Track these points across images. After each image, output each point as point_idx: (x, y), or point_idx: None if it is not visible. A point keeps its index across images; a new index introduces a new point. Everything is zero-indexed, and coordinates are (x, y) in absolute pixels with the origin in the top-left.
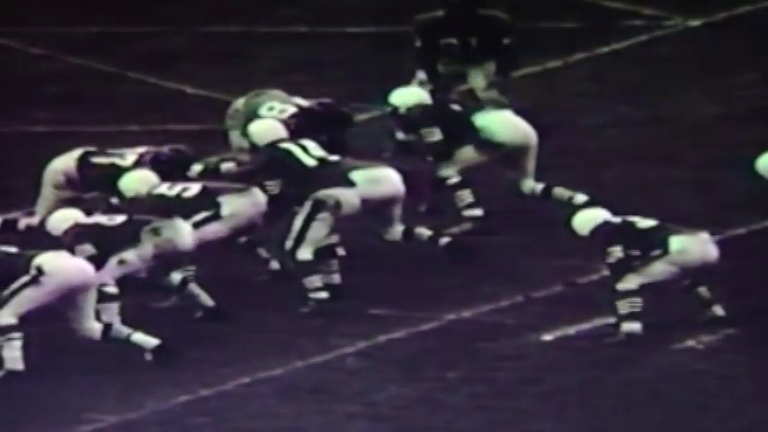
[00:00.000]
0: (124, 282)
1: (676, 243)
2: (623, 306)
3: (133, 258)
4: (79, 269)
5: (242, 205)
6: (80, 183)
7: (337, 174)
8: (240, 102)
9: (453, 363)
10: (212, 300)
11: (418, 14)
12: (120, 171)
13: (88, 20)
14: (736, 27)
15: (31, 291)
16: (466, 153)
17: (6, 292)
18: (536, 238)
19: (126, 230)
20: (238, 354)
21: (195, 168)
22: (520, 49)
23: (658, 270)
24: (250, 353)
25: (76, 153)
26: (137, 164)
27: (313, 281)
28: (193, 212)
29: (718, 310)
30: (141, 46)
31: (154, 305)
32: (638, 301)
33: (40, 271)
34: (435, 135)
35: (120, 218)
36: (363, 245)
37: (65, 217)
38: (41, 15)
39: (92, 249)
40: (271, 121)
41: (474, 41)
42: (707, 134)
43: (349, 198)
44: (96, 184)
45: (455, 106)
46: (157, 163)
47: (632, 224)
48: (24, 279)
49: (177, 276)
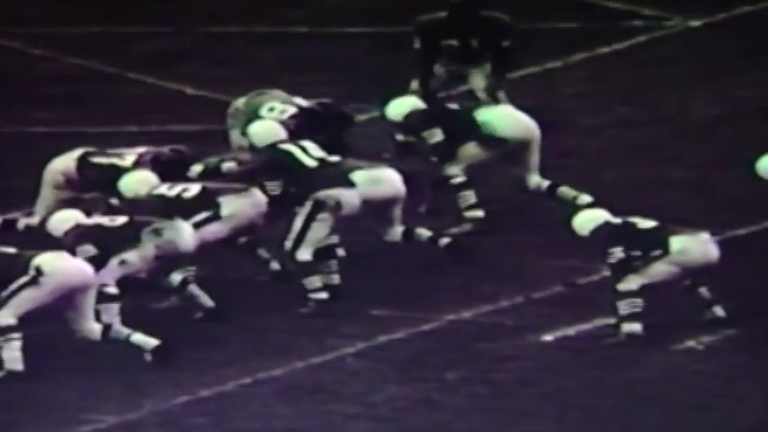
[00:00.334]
0: (124, 282)
1: (677, 243)
2: (624, 306)
3: (134, 259)
4: (78, 270)
5: (242, 206)
6: (80, 183)
7: (338, 174)
8: (241, 101)
9: (453, 363)
10: (212, 300)
11: (419, 15)
12: (119, 171)
13: (88, 20)
14: (736, 27)
15: (31, 291)
16: (469, 150)
17: (5, 293)
18: (536, 239)
19: (127, 231)
20: (238, 354)
21: (195, 169)
22: (518, 51)
23: (659, 270)
24: (250, 353)
25: (76, 153)
26: (136, 164)
27: (313, 281)
28: (193, 213)
29: (718, 311)
30: (141, 46)
31: (153, 306)
32: (638, 302)
33: (40, 271)
34: (437, 136)
35: (121, 219)
36: (363, 245)
37: (66, 218)
38: (41, 16)
39: (93, 250)
40: (270, 123)
41: (475, 43)
42: (707, 134)
43: (349, 199)
44: (96, 185)
45: (453, 105)
46: (157, 163)
47: (633, 225)
48: (23, 280)
49: (177, 277)
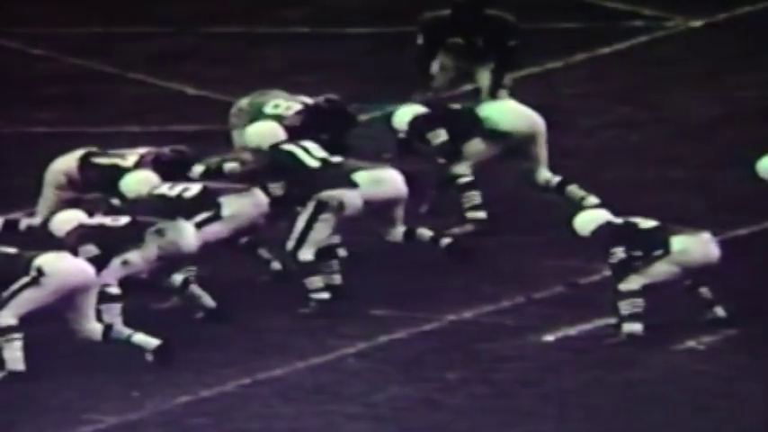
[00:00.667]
0: (125, 283)
1: (678, 243)
2: (625, 307)
3: (137, 259)
4: (79, 270)
5: (243, 206)
6: (81, 183)
7: (340, 175)
8: (245, 101)
9: (454, 363)
10: (213, 300)
11: (420, 15)
12: (121, 172)
13: (88, 20)
14: (736, 28)
15: (32, 292)
16: (474, 146)
17: (6, 294)
18: (537, 239)
19: (130, 231)
20: (239, 354)
21: (197, 169)
22: (519, 51)
23: (660, 270)
24: (250, 353)
25: (78, 153)
26: (138, 164)
27: (314, 281)
28: (194, 213)
29: (719, 311)
30: (142, 46)
31: (154, 306)
32: (639, 302)
33: (41, 272)
34: (441, 136)
35: (124, 219)
36: (364, 246)
37: (68, 218)
38: (41, 16)
39: (95, 250)
40: (269, 123)
41: (480, 41)
42: (708, 135)
43: (352, 199)
44: (97, 185)
45: (455, 105)
46: (159, 164)
47: (634, 225)
48: (25, 280)
49: (179, 277)
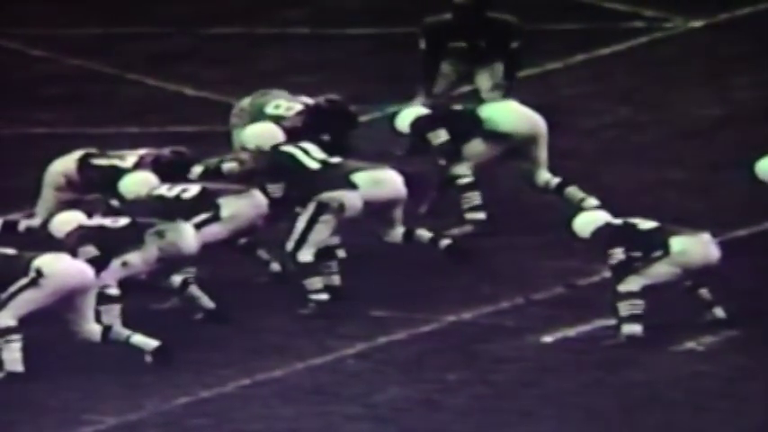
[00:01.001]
0: (125, 284)
1: (677, 244)
2: (624, 308)
3: (137, 261)
4: (78, 271)
5: (242, 207)
6: (80, 184)
7: (340, 176)
8: (246, 101)
9: (453, 364)
10: (212, 301)
11: (419, 16)
12: (120, 173)
13: (88, 21)
14: (737, 28)
15: (31, 293)
16: (475, 147)
17: (5, 295)
18: (536, 240)
19: (129, 233)
20: (238, 355)
21: (196, 170)
22: (524, 51)
23: (660, 271)
24: (250, 354)
25: (77, 155)
26: (137, 165)
27: (314, 282)
28: (193, 214)
29: (718, 312)
30: (141, 47)
31: (154, 307)
32: (639, 303)
33: (40, 273)
34: (441, 136)
35: (123, 220)
36: (364, 247)
37: (68, 219)
38: (41, 16)
39: (94, 251)
40: (268, 125)
41: (482, 44)
42: (708, 135)
43: (352, 200)
44: (97, 186)
45: (456, 106)
46: (158, 165)
47: (633, 226)
48: (24, 281)
49: (177, 278)
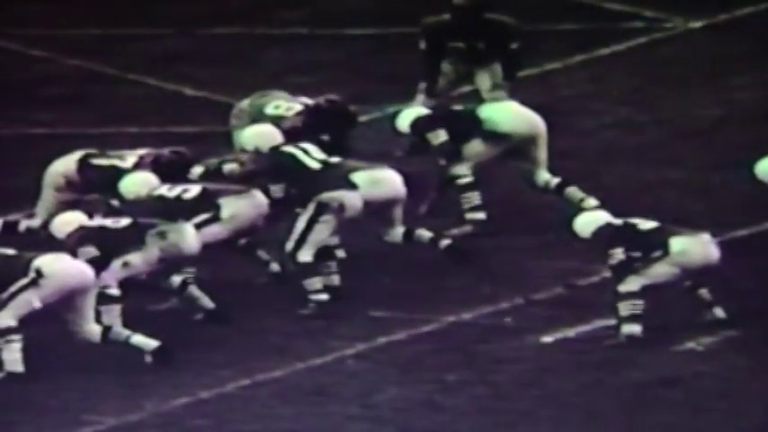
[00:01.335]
0: (124, 284)
1: (677, 244)
2: (624, 308)
3: (138, 261)
4: (78, 272)
5: (242, 207)
6: (80, 185)
7: (339, 176)
8: (245, 102)
9: (453, 365)
10: (212, 302)
11: (419, 17)
12: (120, 173)
13: (88, 22)
14: (736, 29)
15: (31, 293)
16: (474, 147)
17: (5, 295)
18: (536, 240)
19: (130, 233)
20: (238, 356)
21: (196, 170)
22: (523, 52)
23: (660, 271)
24: (250, 355)
25: (77, 155)
26: (137, 166)
27: (313, 282)
28: (193, 214)
29: (718, 312)
30: (141, 48)
31: (153, 307)
32: (639, 303)
33: (40, 273)
34: (440, 136)
35: (124, 220)
36: (363, 247)
37: (69, 220)
38: (41, 17)
39: (95, 251)
40: (267, 126)
41: (481, 45)
42: (707, 136)
43: (353, 200)
44: (96, 186)
45: (456, 106)
46: (157, 165)
47: (634, 226)
48: (24, 281)
49: (177, 279)
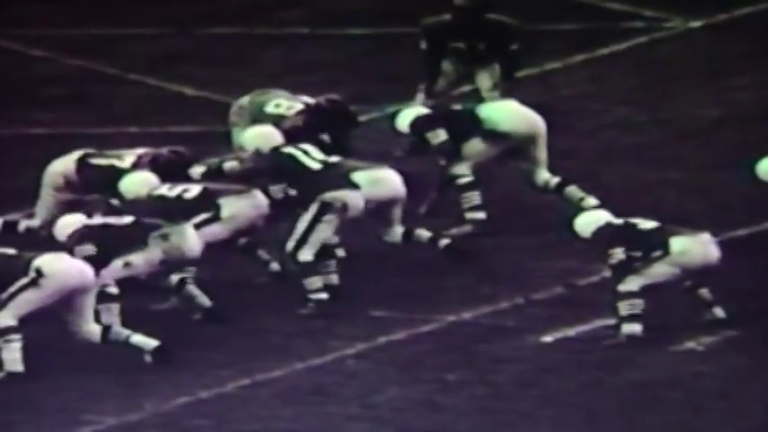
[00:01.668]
0: (123, 283)
1: (677, 244)
2: (624, 307)
3: (139, 262)
4: (78, 271)
5: (242, 207)
6: (80, 185)
7: (341, 175)
8: (245, 99)
9: (453, 364)
10: (211, 301)
11: (418, 16)
12: (118, 173)
13: (88, 21)
14: (736, 29)
15: (31, 293)
16: (474, 147)
17: (5, 295)
18: (536, 240)
19: (133, 231)
20: (237, 356)
21: (197, 170)
22: (522, 53)
23: (659, 271)
24: (249, 355)
25: (76, 155)
26: (135, 165)
27: (314, 282)
28: (194, 214)
29: (718, 312)
30: (141, 48)
31: (153, 307)
32: (638, 303)
33: (40, 273)
34: (440, 136)
35: (128, 218)
36: (363, 247)
37: (71, 222)
38: (41, 17)
39: (92, 249)
40: (267, 127)
41: (482, 45)
42: (707, 136)
43: (355, 200)
44: (95, 186)
45: (456, 106)
46: (156, 164)
47: (634, 226)
48: (23, 281)
49: (175, 278)
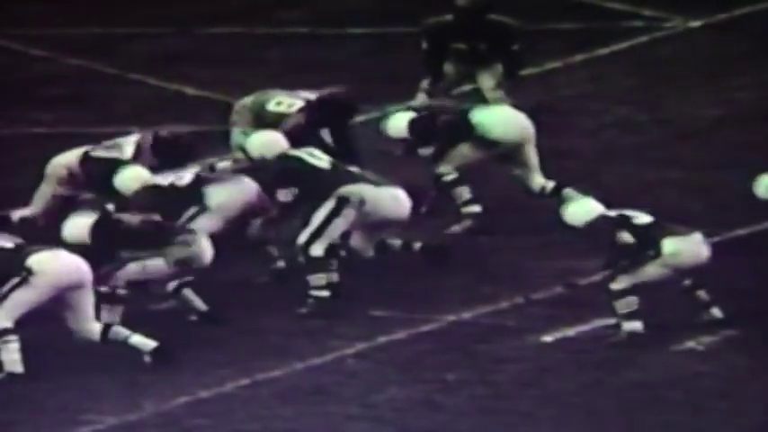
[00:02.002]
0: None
1: (669, 246)
2: (621, 306)
3: (156, 268)
4: (72, 268)
5: (229, 194)
6: (82, 179)
7: (351, 174)
8: (248, 99)
9: (453, 364)
10: (208, 303)
11: (419, 16)
12: (121, 165)
13: (88, 21)
14: (736, 28)
15: (22, 292)
16: (461, 150)
17: None
18: (536, 240)
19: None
20: (237, 355)
21: (193, 170)
22: (524, 53)
23: (650, 272)
24: (249, 354)
25: (79, 151)
26: (137, 152)
27: (319, 278)
28: (187, 201)
29: (716, 312)
30: (141, 47)
31: (152, 307)
32: (634, 300)
33: (30, 271)
34: (429, 149)
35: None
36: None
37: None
38: (41, 16)
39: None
40: (272, 133)
41: (483, 46)
42: (707, 135)
43: (372, 194)
44: (98, 180)
45: (448, 103)
46: (157, 146)
47: (628, 218)
48: (14, 281)
49: (172, 283)
